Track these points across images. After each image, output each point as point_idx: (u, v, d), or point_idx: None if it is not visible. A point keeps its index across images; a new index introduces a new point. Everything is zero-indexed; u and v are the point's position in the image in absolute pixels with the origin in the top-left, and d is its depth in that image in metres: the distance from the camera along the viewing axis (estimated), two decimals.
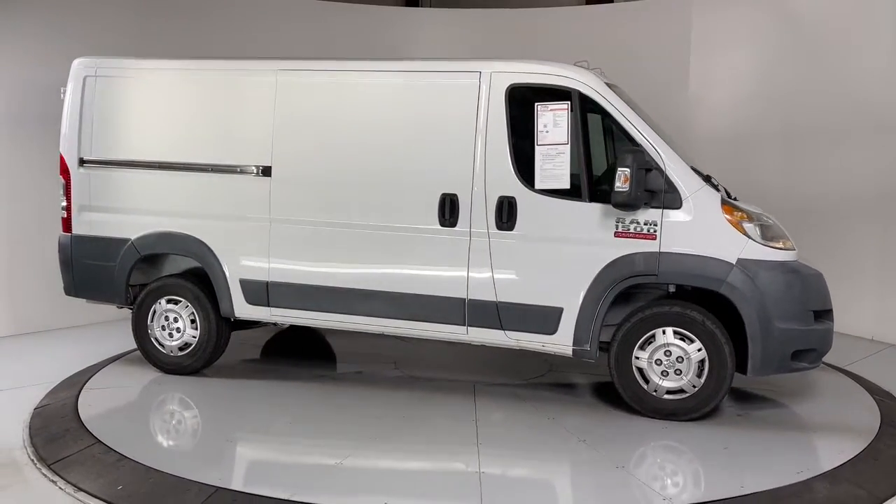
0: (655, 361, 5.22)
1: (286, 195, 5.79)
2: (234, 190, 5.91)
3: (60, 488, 4.12)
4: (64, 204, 6.27)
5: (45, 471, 4.33)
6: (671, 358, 5.19)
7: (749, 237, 5.11)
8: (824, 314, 5.23)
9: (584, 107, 5.26)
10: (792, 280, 5.13)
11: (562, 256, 5.29)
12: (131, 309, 6.26)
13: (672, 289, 5.40)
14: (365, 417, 5.26)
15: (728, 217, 5.12)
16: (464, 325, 5.51)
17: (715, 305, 5.23)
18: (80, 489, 4.07)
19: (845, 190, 8.26)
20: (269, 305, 5.89)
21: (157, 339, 6.15)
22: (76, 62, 6.31)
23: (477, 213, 5.39)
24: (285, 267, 5.82)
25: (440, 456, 4.73)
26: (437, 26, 10.57)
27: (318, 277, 5.77)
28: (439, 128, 5.54)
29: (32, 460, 4.49)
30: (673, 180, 5.11)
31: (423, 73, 5.68)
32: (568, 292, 5.28)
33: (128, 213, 6.13)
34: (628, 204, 5.03)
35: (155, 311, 6.14)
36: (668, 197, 5.10)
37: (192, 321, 6.07)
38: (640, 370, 5.26)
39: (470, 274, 5.43)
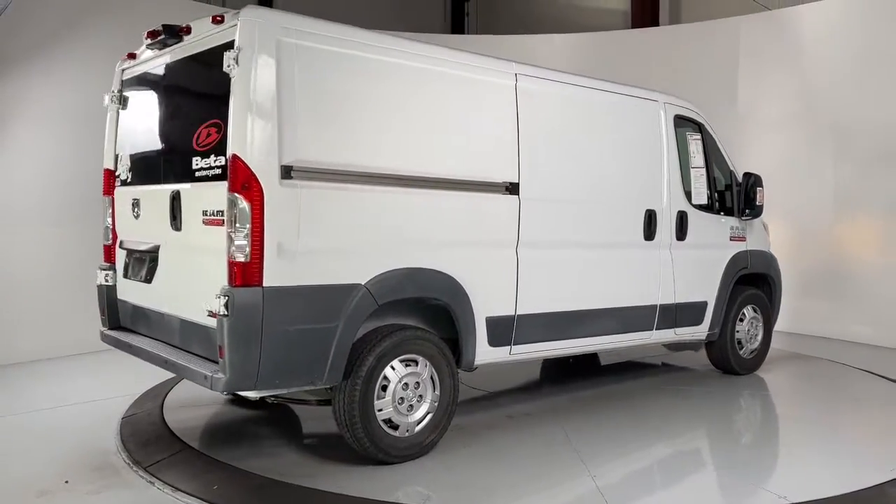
0: (747, 332, 6.93)
1: (537, 215, 5.19)
2: (480, 210, 4.93)
3: (158, 489, 4.29)
4: (247, 239, 3.89)
5: (141, 473, 4.51)
6: (754, 327, 6.99)
7: (768, 234, 7.16)
8: None
9: (705, 137, 6.50)
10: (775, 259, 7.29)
11: (708, 259, 6.52)
12: (305, 399, 4.66)
13: None
14: (462, 441, 5.04)
15: (764, 222, 7.07)
16: (651, 329, 6.10)
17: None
18: (178, 489, 4.24)
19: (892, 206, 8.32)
20: (511, 344, 5.10)
21: (387, 420, 4.50)
22: (252, 14, 4.02)
23: (664, 226, 6.10)
24: (538, 296, 5.19)
25: (548, 466, 4.67)
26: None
27: (571, 303, 5.45)
28: (642, 147, 6.10)
29: (128, 463, 4.68)
30: None
31: (628, 97, 6.01)
32: (711, 288, 6.55)
33: (355, 246, 4.34)
34: (759, 215, 6.77)
35: (387, 380, 4.50)
36: None
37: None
38: (739, 341, 6.89)
39: (661, 282, 6.09)
